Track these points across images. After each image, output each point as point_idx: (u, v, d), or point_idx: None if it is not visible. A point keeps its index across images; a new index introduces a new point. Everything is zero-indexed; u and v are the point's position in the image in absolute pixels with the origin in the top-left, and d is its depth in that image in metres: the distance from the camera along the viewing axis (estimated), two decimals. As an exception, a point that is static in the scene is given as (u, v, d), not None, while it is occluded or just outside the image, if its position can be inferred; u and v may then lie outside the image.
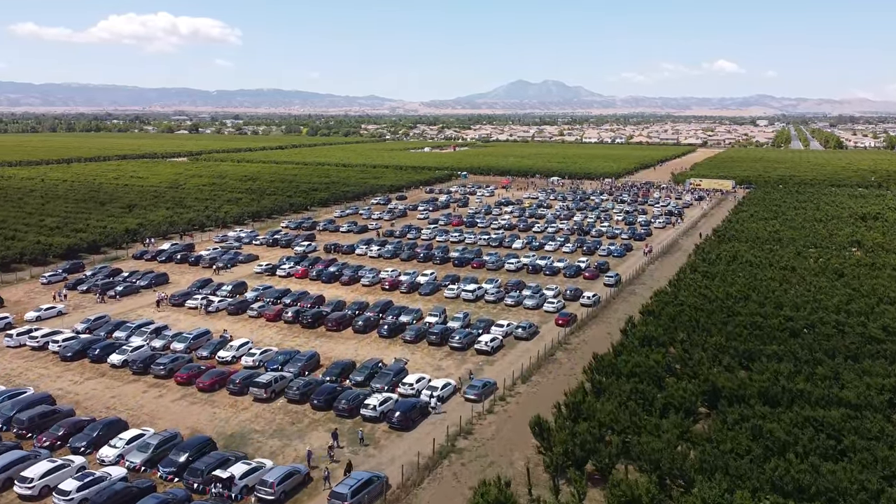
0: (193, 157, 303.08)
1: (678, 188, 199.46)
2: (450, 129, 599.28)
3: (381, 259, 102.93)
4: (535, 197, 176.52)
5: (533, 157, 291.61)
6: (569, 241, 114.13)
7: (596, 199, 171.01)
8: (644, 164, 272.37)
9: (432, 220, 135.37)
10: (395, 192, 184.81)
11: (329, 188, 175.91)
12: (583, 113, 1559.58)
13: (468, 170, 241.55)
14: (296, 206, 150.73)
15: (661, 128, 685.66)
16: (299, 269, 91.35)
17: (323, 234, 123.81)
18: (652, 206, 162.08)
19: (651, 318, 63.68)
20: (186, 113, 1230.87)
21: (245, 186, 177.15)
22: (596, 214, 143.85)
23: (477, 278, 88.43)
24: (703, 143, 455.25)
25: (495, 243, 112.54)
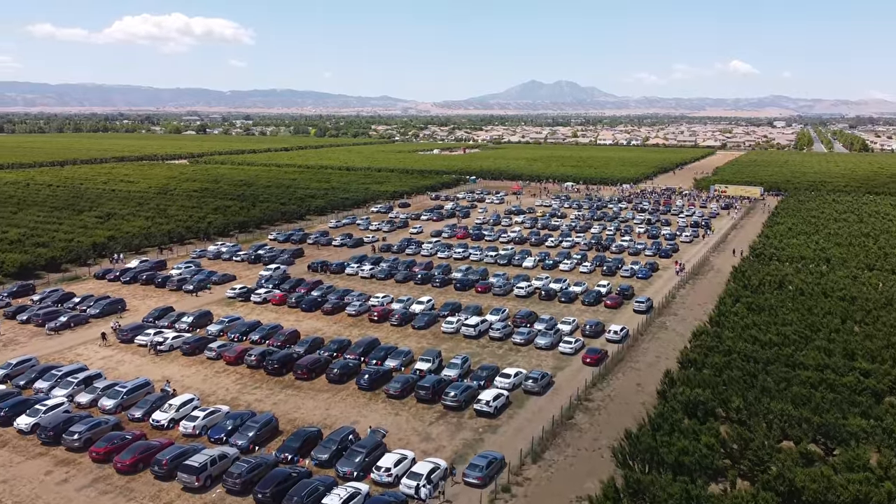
0: (194, 159, 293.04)
1: (702, 195, 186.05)
2: (461, 131, 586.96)
3: (373, 280, 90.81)
4: (549, 205, 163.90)
5: (545, 160, 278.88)
6: (586, 259, 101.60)
7: (614, 208, 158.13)
8: (662, 168, 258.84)
9: (435, 232, 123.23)
10: (398, 198, 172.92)
11: (327, 195, 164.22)
12: (596, 114, 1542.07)
13: (477, 174, 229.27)
14: (289, 215, 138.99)
15: (677, 129, 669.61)
16: (276, 295, 79.40)
17: (313, 248, 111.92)
18: (675, 216, 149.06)
19: (693, 372, 51.09)
20: (199, 113, 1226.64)
21: (238, 192, 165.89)
22: (615, 226, 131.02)
23: (481, 307, 76.14)
24: (723, 145, 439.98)
25: (504, 261, 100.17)
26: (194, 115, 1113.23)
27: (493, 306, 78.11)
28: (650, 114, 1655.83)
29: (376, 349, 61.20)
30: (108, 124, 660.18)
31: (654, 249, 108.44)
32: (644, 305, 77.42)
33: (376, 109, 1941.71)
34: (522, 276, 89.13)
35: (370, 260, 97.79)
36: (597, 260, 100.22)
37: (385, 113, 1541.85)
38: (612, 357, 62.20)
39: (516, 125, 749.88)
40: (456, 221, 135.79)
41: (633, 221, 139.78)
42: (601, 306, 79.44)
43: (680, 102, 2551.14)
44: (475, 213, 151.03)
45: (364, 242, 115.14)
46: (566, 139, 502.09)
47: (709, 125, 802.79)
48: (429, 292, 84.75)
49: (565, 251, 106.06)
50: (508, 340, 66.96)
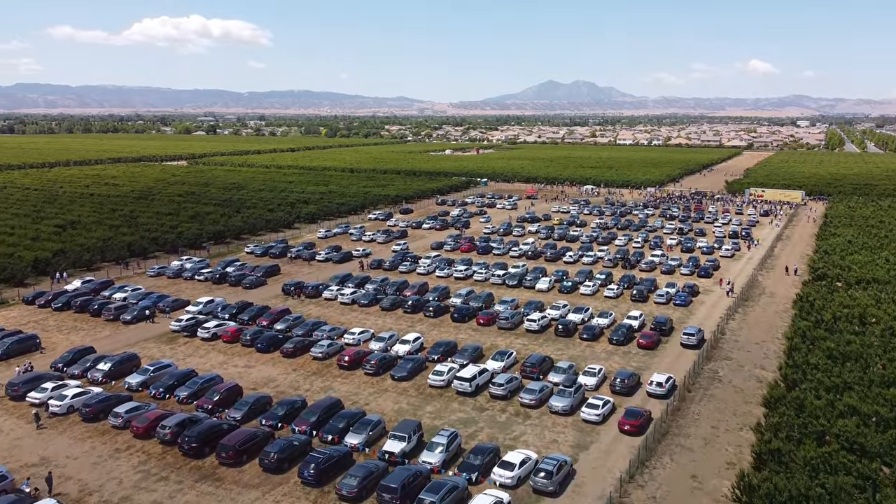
0: (194, 160, 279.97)
1: (736, 200, 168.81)
2: (475, 131, 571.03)
3: (354, 308, 75.30)
4: (566, 211, 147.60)
5: (563, 162, 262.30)
6: (612, 280, 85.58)
7: (639, 215, 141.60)
8: (688, 170, 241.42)
9: (436, 244, 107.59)
10: (401, 203, 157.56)
11: (322, 199, 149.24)
12: (614, 114, 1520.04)
13: (489, 176, 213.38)
14: (275, 224, 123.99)
15: (699, 128, 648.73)
16: (228, 330, 64.15)
17: (293, 264, 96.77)
18: (709, 224, 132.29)
19: (781, 476, 34.96)
20: (216, 114, 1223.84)
21: (226, 196, 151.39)
22: (643, 236, 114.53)
23: (481, 348, 60.44)
24: (749, 145, 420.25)
25: (513, 281, 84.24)
26: (210, 115, 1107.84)
27: (497, 346, 62.39)
28: (669, 114, 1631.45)
29: (335, 417, 45.66)
30: (119, 125, 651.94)
31: (690, 267, 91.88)
32: (694, 338, 62.09)
33: (392, 110, 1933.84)
34: (535, 304, 73.29)
35: (354, 280, 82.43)
36: (624, 281, 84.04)
37: (401, 114, 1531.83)
38: (655, 425, 46.28)
39: (533, 125, 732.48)
40: (458, 232, 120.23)
41: (663, 231, 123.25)
42: (633, 345, 63.42)
43: (699, 102, 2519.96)
44: (482, 220, 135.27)
45: (353, 257, 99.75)
46: (584, 139, 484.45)
47: (730, 125, 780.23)
48: (419, 324, 69.25)
49: (586, 269, 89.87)
50: (514, 399, 51.18)
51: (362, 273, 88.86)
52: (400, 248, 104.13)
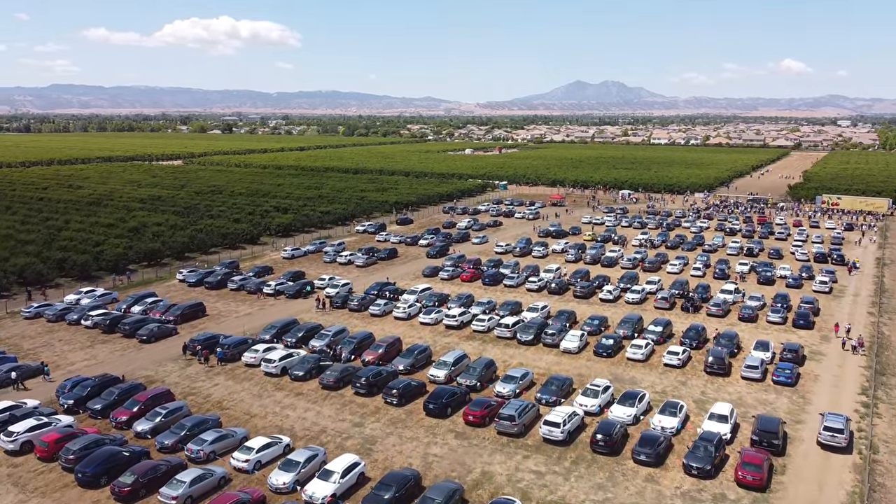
0: (191, 159, 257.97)
1: (806, 208, 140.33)
2: (499, 130, 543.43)
3: (281, 383, 49.82)
4: (600, 222, 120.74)
5: (593, 162, 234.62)
6: (671, 333, 59.15)
7: (691, 227, 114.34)
8: (737, 171, 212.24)
9: (429, 271, 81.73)
10: (400, 210, 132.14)
11: (307, 206, 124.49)
12: (644, 114, 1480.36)
13: (510, 178, 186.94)
14: (233, 238, 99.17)
15: (735, 127, 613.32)
16: (52, 434, 39.01)
17: (232, 299, 71.69)
18: (782, 241, 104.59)
19: None
20: (243, 114, 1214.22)
21: (192, 202, 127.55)
22: (702, 259, 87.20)
23: (460, 491, 34.52)
24: (797, 144, 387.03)
25: (527, 336, 57.85)
26: (237, 115, 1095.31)
27: (493, 475, 36.42)
28: (700, 114, 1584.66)
29: None
30: (135, 124, 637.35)
31: (780, 311, 64.62)
32: (840, 437, 37.22)
33: (419, 110, 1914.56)
34: (558, 383, 47.12)
35: (294, 334, 57.00)
36: (691, 336, 57.34)
37: (428, 114, 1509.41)
38: None
39: (561, 125, 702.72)
40: (452, 252, 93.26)
41: (727, 251, 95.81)
42: (724, 475, 36.92)
43: (731, 102, 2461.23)
44: (496, 232, 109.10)
45: (314, 288, 74.23)
46: (615, 138, 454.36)
47: (766, 125, 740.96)
48: (373, 418, 43.57)
49: (633, 315, 62.99)
50: None
51: (319, 314, 63.48)
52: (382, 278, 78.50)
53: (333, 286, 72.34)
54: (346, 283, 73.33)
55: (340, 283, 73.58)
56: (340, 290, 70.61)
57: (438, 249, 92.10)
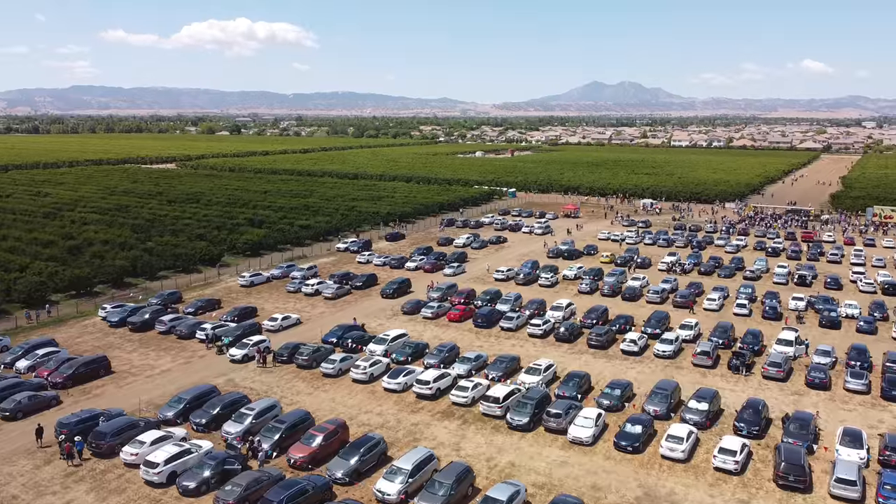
0: (185, 161, 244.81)
1: (855, 221, 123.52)
2: (513, 131, 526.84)
3: (164, 502, 34.80)
4: (620, 238, 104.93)
5: (611, 166, 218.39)
6: (718, 413, 43.64)
7: (726, 247, 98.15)
8: (768, 178, 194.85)
9: (410, 307, 66.38)
10: (393, 223, 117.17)
11: (285, 219, 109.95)
12: (662, 115, 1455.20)
13: (520, 184, 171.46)
14: (189, 260, 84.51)
15: (758, 129, 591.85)
16: None
17: (157, 346, 56.97)
18: (835, 264, 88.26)
19: None
20: (259, 115, 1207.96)
21: (160, 213, 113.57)
22: (746, 292, 71.27)
23: None
24: (826, 147, 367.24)
25: (523, 417, 42.14)
26: (253, 116, 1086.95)
27: None
28: (719, 115, 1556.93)
29: None
30: (143, 125, 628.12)
31: (861, 376, 48.59)
32: None
33: (435, 111, 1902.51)
34: None
35: (207, 411, 42.05)
36: (749, 418, 41.67)
37: (443, 115, 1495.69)
38: None
39: (577, 126, 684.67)
40: (430, 285, 74.80)
41: (772, 279, 79.65)
42: None
43: (749, 103, 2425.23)
44: (499, 251, 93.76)
45: (260, 330, 59.22)
46: (634, 140, 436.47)
47: (787, 125, 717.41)
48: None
49: (667, 387, 47.10)
50: None
51: (260, 372, 48.41)
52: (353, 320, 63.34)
53: (280, 327, 57.45)
54: (292, 320, 58.28)
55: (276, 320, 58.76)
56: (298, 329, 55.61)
57: (396, 287, 71.88)
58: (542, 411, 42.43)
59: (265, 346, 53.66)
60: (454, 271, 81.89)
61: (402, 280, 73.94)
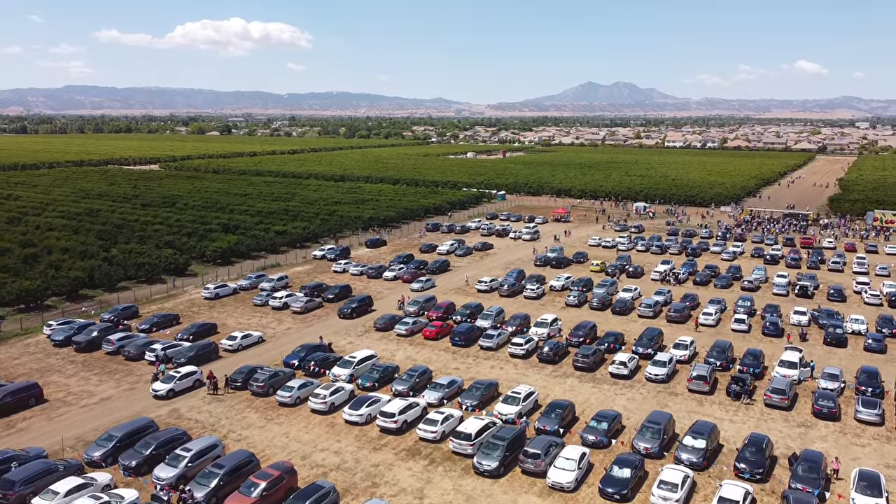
0: (169, 163, 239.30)
1: (854, 226, 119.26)
2: (507, 131, 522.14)
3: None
4: (611, 244, 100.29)
5: (604, 168, 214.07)
6: (716, 451, 38.87)
7: (722, 254, 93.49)
8: (764, 180, 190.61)
9: (382, 322, 61.36)
10: (374, 228, 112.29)
11: (261, 224, 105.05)
12: (656, 115, 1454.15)
13: (510, 187, 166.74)
14: (152, 270, 79.35)
15: (752, 129, 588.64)
16: None
17: (103, 369, 51.93)
18: (837, 272, 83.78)
19: None
20: (253, 115, 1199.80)
21: (129, 218, 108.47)
22: (745, 306, 66.71)
23: None
24: (822, 148, 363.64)
25: (491, 462, 36.85)
26: (247, 116, 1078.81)
27: None
28: (713, 115, 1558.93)
29: None
30: (133, 125, 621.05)
31: (873, 405, 43.88)
32: None
33: (430, 111, 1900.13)
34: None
35: (139, 452, 37.04)
36: (751, 458, 36.90)
37: (438, 115, 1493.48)
38: None
39: (571, 126, 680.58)
40: (402, 301, 68.13)
41: (772, 290, 75.01)
42: None
43: (743, 104, 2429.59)
44: (483, 259, 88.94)
45: (214, 353, 54.21)
46: (627, 141, 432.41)
47: (781, 126, 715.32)
48: None
49: (659, 420, 42.16)
50: None
51: (211, 399, 43.42)
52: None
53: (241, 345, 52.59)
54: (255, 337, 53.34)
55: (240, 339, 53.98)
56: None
57: (356, 307, 64.80)
58: (516, 452, 37.55)
59: (195, 378, 47.76)
60: (422, 286, 74.34)
61: (363, 298, 66.95)
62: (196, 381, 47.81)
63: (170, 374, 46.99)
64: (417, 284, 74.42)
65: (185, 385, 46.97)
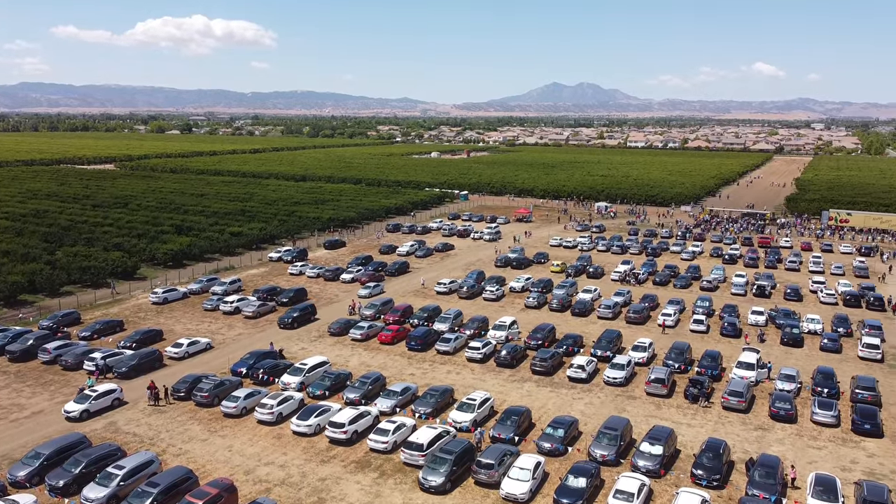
0: (125, 162, 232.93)
1: (811, 225, 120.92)
2: (472, 131, 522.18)
3: None
4: (573, 244, 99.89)
5: (567, 167, 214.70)
6: (672, 455, 38.10)
7: (682, 254, 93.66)
8: (723, 179, 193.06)
9: (336, 326, 59.42)
10: (331, 229, 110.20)
11: (217, 225, 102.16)
12: (619, 116, 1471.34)
13: (474, 187, 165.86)
14: (98, 274, 76.15)
15: (712, 130, 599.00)
16: None
17: (38, 380, 49.17)
18: (793, 272, 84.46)
19: None
20: (216, 114, 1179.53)
21: (78, 219, 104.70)
22: (703, 306, 66.52)
23: None
24: (779, 148, 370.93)
25: (437, 477, 34.95)
26: (209, 115, 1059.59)
27: None
28: (674, 116, 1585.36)
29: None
30: (90, 123, 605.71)
31: (830, 406, 43.55)
32: None
33: (395, 111, 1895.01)
34: None
35: (67, 471, 34.75)
36: (709, 463, 36.09)
37: (403, 115, 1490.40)
38: None
39: (536, 126, 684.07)
40: (352, 306, 66.21)
41: (731, 290, 75.10)
42: None
43: (704, 105, 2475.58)
44: (443, 260, 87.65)
45: (151, 363, 51.85)
46: (591, 141, 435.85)
47: (740, 127, 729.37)
48: None
49: (616, 425, 41.28)
50: None
51: (152, 411, 41.15)
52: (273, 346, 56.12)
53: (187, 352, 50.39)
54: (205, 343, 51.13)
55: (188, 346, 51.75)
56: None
57: (297, 315, 60.92)
58: (464, 466, 36.08)
59: (114, 397, 43.98)
60: (370, 292, 71.12)
61: (306, 306, 63.11)
62: (115, 401, 44.42)
63: (85, 392, 43.77)
64: (365, 290, 71.14)
65: (102, 405, 43.56)
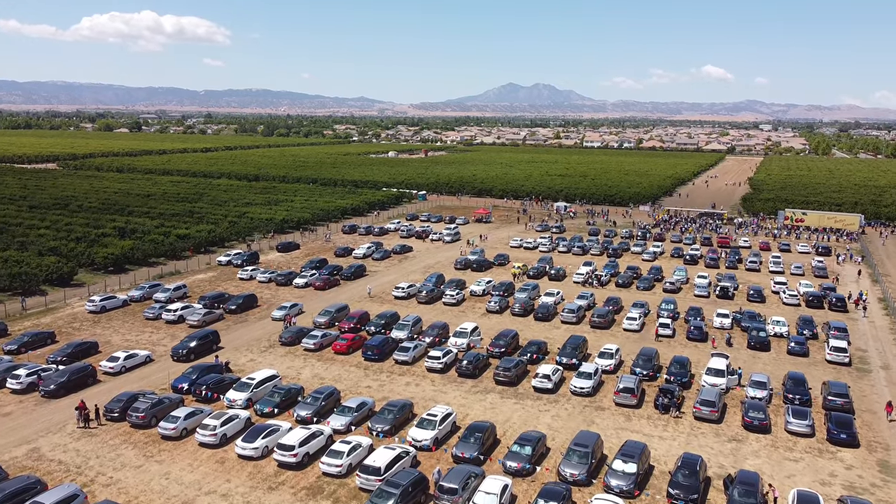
0: (69, 161, 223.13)
1: (767, 225, 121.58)
2: (429, 131, 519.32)
3: None
4: (533, 245, 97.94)
5: (525, 167, 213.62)
6: (646, 473, 35.86)
7: (644, 255, 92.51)
8: (679, 179, 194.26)
9: (288, 336, 55.94)
10: (290, 231, 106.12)
11: (163, 227, 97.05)
12: (574, 116, 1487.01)
13: (432, 187, 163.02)
14: (29, 280, 70.95)
15: (665, 131, 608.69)
16: None
17: (-49, 399, 44.58)
18: (754, 272, 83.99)
19: None
20: (167, 112, 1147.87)
21: (13, 221, 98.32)
22: (668, 308, 64.95)
23: None
24: (731, 149, 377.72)
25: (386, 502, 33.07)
26: (160, 113, 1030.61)
27: None
28: (628, 117, 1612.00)
29: None
30: (33, 121, 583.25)
31: (804, 415, 42.05)
32: None
33: (352, 110, 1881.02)
34: None
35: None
36: (684, 482, 34.05)
37: (360, 114, 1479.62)
38: None
39: (493, 126, 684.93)
40: (287, 321, 59.50)
41: (694, 292, 73.90)
42: None
43: (656, 106, 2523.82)
44: (402, 263, 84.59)
45: (83, 379, 47.75)
46: (547, 141, 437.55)
47: (692, 128, 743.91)
48: None
49: (586, 441, 39.02)
50: None
51: (81, 434, 37.17)
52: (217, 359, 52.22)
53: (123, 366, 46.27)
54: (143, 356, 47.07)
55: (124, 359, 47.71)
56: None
57: (194, 345, 51.67)
58: (415, 500, 33.03)
59: None
60: (286, 312, 61.12)
61: (205, 334, 53.44)
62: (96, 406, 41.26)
63: None
64: (280, 312, 61.66)
65: None
